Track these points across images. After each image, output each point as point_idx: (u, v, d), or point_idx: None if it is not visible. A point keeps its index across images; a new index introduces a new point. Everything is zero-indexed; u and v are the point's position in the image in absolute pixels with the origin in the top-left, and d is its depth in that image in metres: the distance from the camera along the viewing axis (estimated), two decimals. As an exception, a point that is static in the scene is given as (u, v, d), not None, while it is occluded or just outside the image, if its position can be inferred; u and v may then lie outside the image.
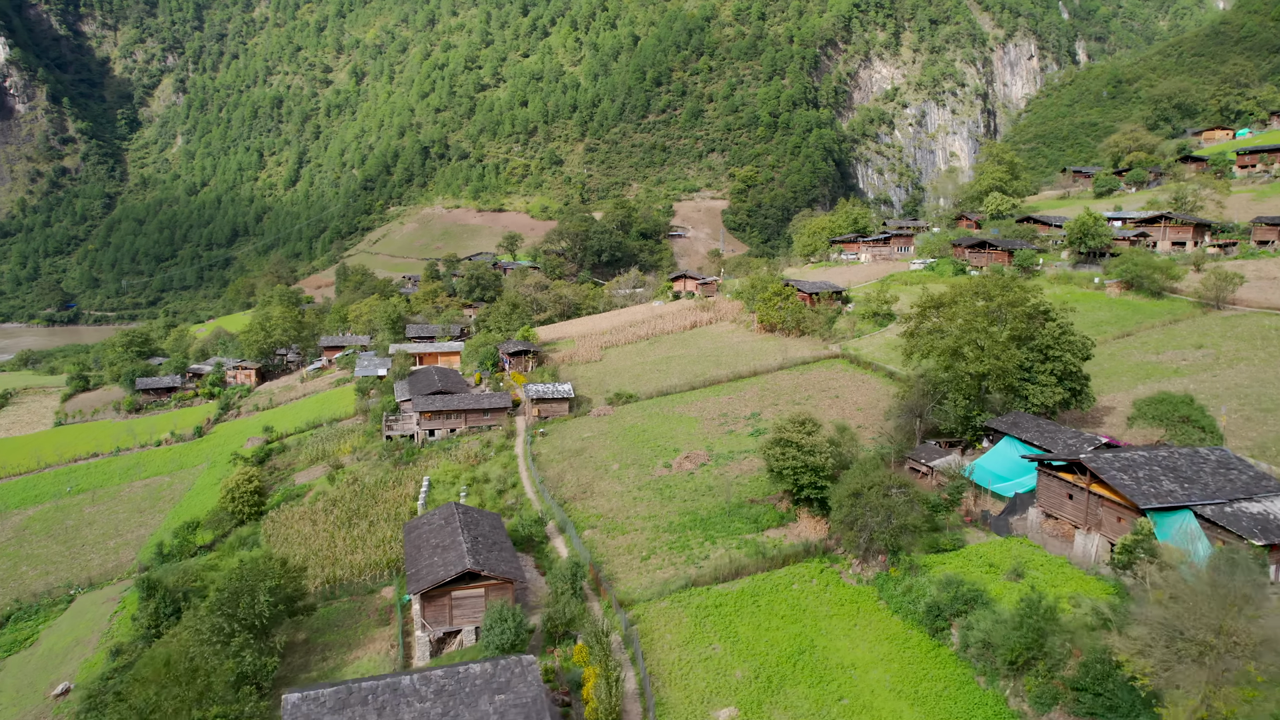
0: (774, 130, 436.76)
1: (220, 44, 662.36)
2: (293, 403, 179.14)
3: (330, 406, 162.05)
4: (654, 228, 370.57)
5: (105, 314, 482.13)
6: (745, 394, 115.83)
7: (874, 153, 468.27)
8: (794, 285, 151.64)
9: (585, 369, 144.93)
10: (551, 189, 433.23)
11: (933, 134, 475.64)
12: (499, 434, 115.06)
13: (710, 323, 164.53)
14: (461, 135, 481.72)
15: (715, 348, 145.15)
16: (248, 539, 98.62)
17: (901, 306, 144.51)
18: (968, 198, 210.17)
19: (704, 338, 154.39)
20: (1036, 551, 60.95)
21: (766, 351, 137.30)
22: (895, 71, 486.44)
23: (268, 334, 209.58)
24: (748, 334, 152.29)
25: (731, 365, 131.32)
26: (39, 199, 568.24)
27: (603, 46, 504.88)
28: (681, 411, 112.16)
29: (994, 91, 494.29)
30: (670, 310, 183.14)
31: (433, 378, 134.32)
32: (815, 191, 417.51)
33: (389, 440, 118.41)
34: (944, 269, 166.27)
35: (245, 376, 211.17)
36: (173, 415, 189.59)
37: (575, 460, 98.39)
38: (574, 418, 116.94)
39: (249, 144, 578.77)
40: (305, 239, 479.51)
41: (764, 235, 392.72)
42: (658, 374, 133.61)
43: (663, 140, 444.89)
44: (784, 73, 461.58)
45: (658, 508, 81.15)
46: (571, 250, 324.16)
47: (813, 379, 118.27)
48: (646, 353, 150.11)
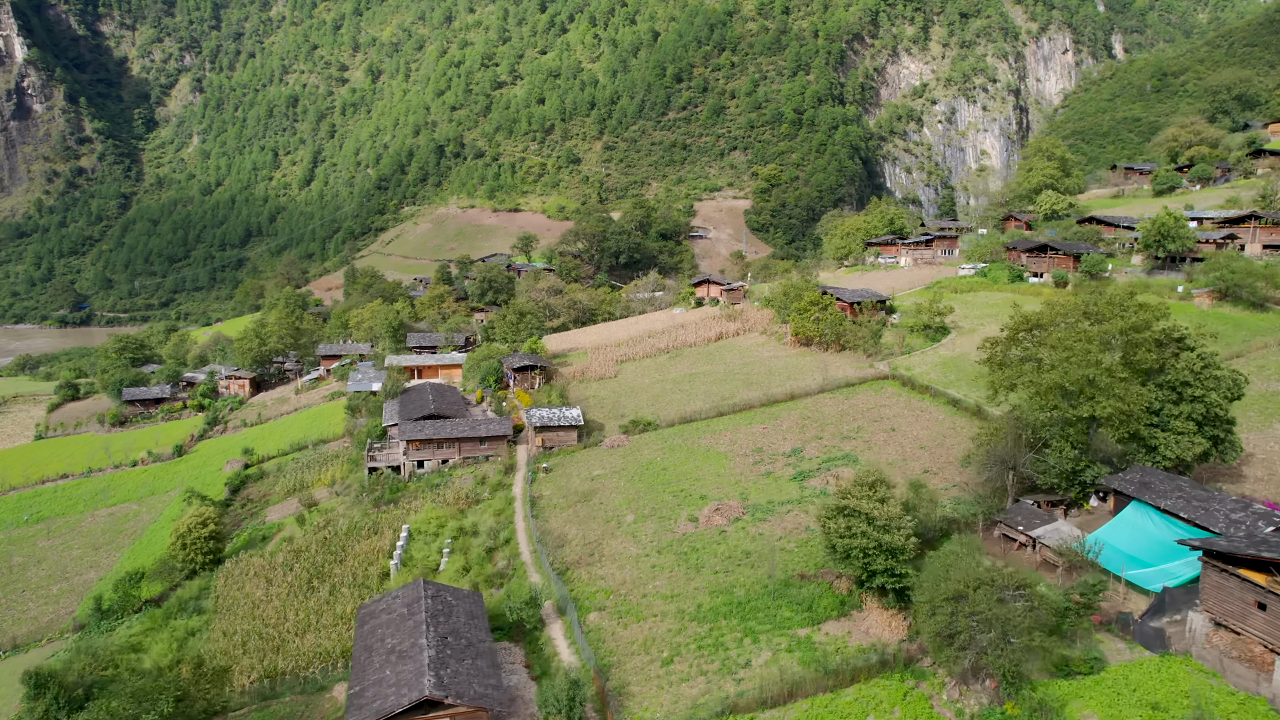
0: (798, 127, 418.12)
1: (237, 43, 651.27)
2: (283, 418, 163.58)
3: (319, 424, 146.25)
4: (674, 228, 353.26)
5: (118, 315, 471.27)
6: (782, 423, 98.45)
7: (902, 151, 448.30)
8: (832, 294, 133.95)
9: (598, 387, 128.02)
10: (568, 188, 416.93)
11: (962, 131, 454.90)
12: (497, 467, 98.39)
13: (737, 334, 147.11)
14: (477, 134, 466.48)
15: (744, 364, 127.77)
16: (195, 599, 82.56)
17: (956, 319, 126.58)
18: (1015, 196, 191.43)
19: (731, 352, 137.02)
20: (1215, 683, 43.32)
21: (803, 370, 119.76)
22: (924, 67, 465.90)
23: (262, 341, 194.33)
24: (780, 348, 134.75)
25: (764, 386, 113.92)
26: (55, 199, 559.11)
27: (622, 42, 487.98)
28: (708, 444, 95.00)
29: (1026, 87, 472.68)
30: (692, 319, 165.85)
31: (427, 397, 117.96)
32: (842, 191, 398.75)
33: (371, 474, 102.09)
34: (998, 275, 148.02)
35: (239, 387, 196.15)
36: (157, 430, 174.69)
37: (582, 507, 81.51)
38: (583, 449, 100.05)
39: (264, 143, 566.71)
40: (318, 239, 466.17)
41: (788, 236, 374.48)
42: (680, 395, 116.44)
43: (683, 138, 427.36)
44: (809, 68, 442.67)
45: (682, 581, 64.07)
46: (588, 252, 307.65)
47: (860, 405, 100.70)
48: (667, 369, 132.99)
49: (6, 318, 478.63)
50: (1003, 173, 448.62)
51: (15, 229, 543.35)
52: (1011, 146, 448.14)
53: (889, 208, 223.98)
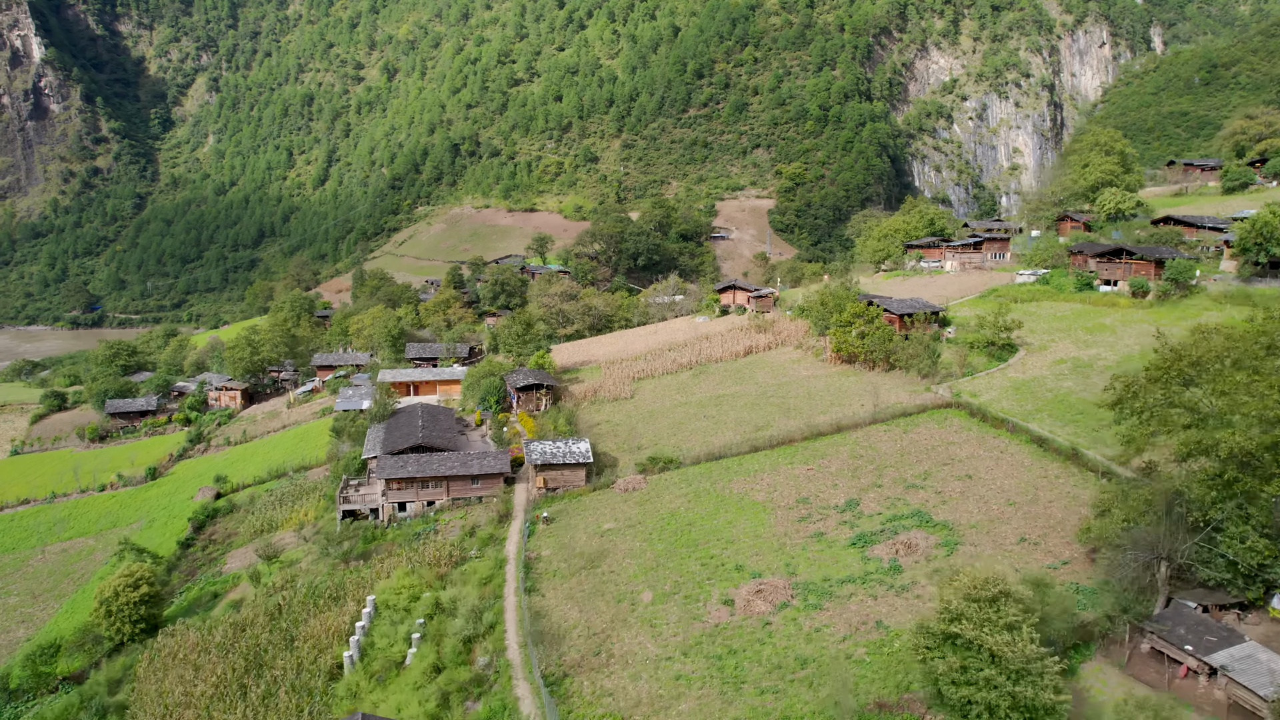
0: (824, 124, 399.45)
1: (254, 42, 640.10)
2: (269, 436, 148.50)
3: (304, 447, 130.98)
4: (695, 229, 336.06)
5: (130, 317, 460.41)
6: (830, 463, 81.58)
7: (931, 148, 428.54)
8: (879, 304, 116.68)
9: (612, 410, 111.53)
10: (586, 188, 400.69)
11: (994, 128, 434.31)
12: (490, 514, 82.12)
13: (769, 348, 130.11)
14: (493, 132, 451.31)
15: (779, 385, 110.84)
16: (116, 681, 66.93)
17: (1022, 334, 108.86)
18: (1070, 194, 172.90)
19: (762, 369, 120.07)
20: None
21: (849, 393, 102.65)
22: (954, 62, 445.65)
23: (254, 350, 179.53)
24: (819, 366, 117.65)
25: (805, 414, 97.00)
26: (71, 199, 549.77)
27: (641, 38, 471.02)
28: (741, 489, 78.32)
29: (1061, 83, 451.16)
30: (717, 329, 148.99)
31: (416, 423, 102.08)
32: (869, 190, 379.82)
33: (345, 518, 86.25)
34: (1062, 282, 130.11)
35: (230, 399, 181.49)
36: (136, 447, 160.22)
37: (588, 577, 65.11)
38: (592, 492, 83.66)
39: (279, 142, 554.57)
40: (331, 240, 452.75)
41: (814, 237, 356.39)
42: (706, 423, 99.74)
43: (704, 135, 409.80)
44: (834, 63, 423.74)
45: (717, 703, 47.47)
46: (605, 253, 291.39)
47: (922, 441, 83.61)
48: (690, 388, 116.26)
49: (19, 319, 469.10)
50: (1036, 171, 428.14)
51: (31, 229, 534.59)
52: (1045, 144, 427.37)
53: (927, 207, 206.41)
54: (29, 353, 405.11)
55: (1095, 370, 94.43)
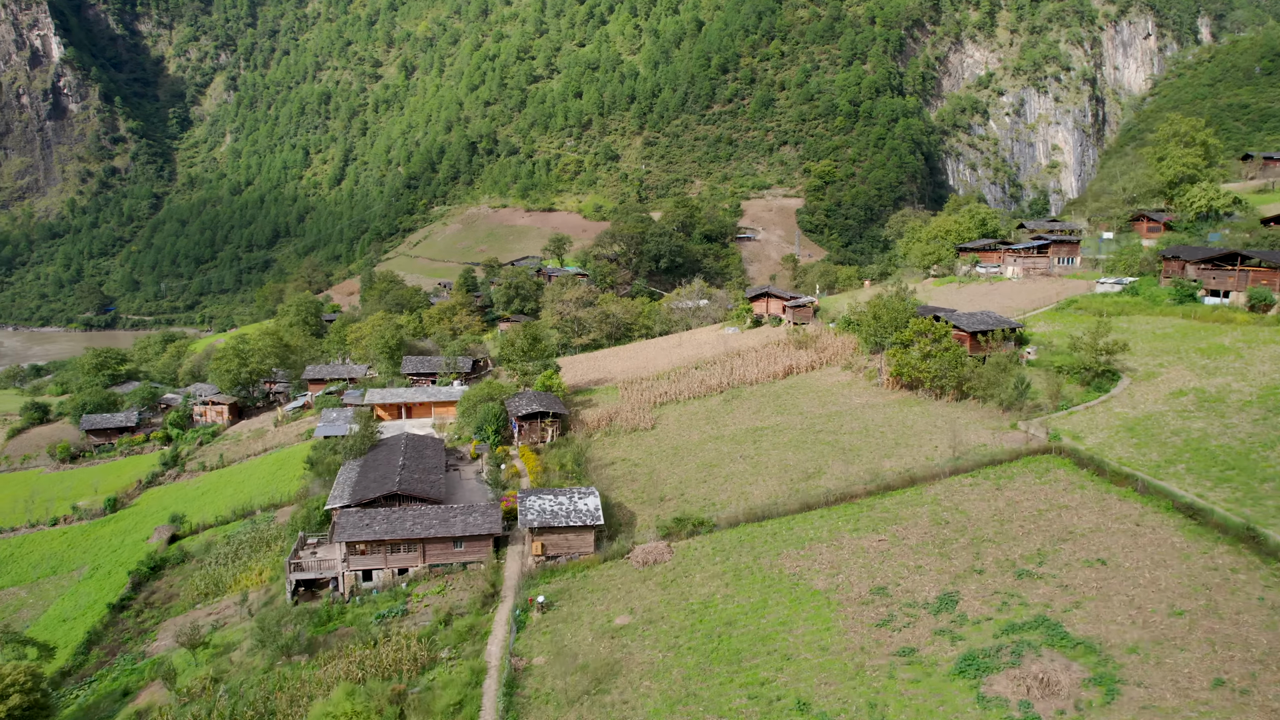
0: (854, 120, 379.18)
1: (272, 40, 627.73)
2: (248, 461, 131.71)
3: (281, 477, 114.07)
4: (719, 229, 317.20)
5: (143, 318, 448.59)
6: (907, 531, 62.95)
7: (966, 145, 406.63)
8: (946, 318, 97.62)
9: (629, 445, 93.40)
10: (606, 186, 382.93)
11: (1032, 124, 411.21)
12: (474, 590, 64.26)
13: (812, 368, 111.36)
14: (511, 129, 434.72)
15: (828, 416, 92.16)
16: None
17: (1125, 360, 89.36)
18: (1147, 192, 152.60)
19: (806, 395, 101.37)
20: None
21: (915, 429, 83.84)
22: (990, 55, 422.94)
23: (243, 361, 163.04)
24: (873, 392, 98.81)
25: (865, 457, 78.40)
26: (88, 199, 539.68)
27: (664, 33, 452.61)
28: (794, 567, 59.91)
29: (1103, 76, 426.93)
30: (750, 344, 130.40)
31: (396, 462, 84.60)
32: (902, 189, 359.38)
33: (298, 592, 68.83)
34: (1155, 292, 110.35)
35: (217, 414, 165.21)
36: (108, 469, 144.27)
37: (591, 710, 47.01)
38: (602, 563, 65.56)
39: (295, 141, 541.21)
40: (346, 240, 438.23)
41: (845, 238, 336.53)
42: (743, 466, 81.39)
43: (729, 132, 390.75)
44: (865, 57, 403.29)
45: None
46: (625, 255, 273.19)
47: (1023, 501, 64.74)
48: (721, 418, 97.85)
49: (33, 320, 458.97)
50: (1076, 169, 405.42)
51: (48, 229, 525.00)
52: (1086, 141, 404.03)
53: (977, 206, 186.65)
54: (38, 355, 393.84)
55: (1230, 406, 75.04)
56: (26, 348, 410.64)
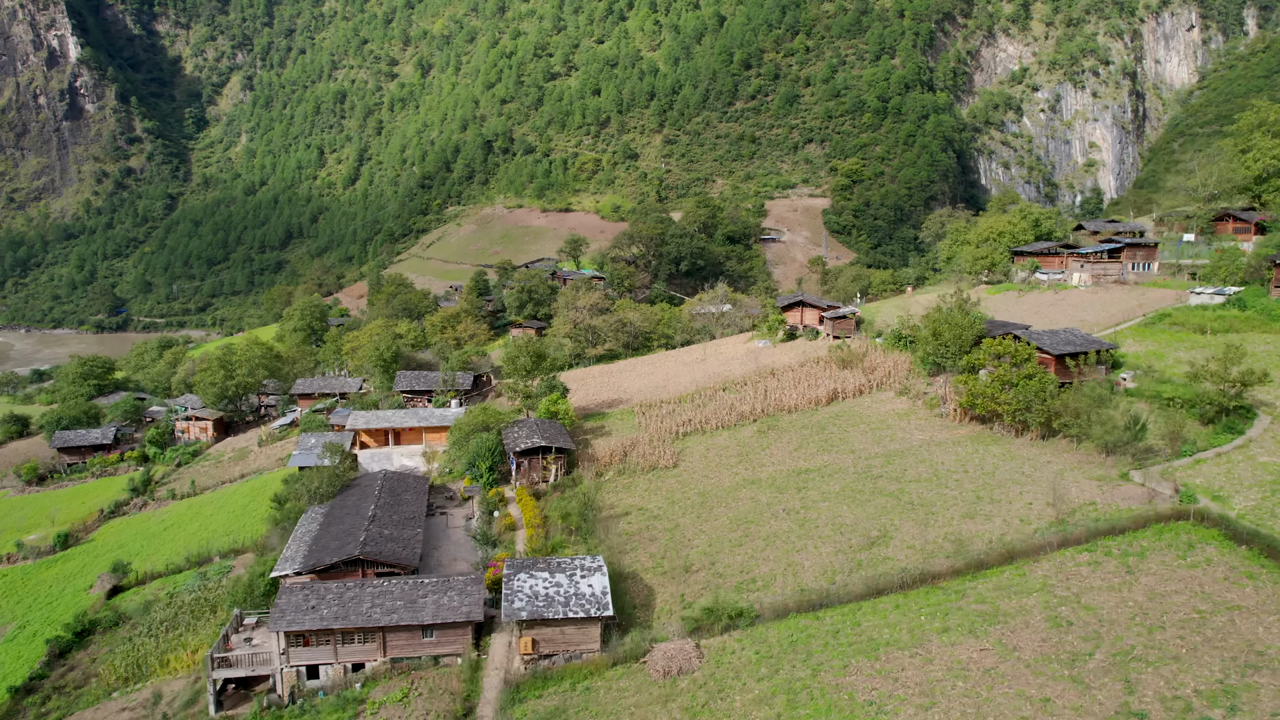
0: (882, 117, 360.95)
1: (289, 39, 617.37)
2: (222, 489, 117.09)
3: (252, 511, 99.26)
4: (743, 230, 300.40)
5: (154, 320, 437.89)
6: (1017, 636, 46.57)
7: (998, 143, 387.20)
8: (1027, 338, 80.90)
9: (648, 489, 77.57)
10: (625, 186, 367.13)
11: (1068, 121, 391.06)
12: (442, 701, 48.72)
13: (860, 392, 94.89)
14: (528, 128, 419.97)
15: (887, 456, 75.79)
16: None
17: (1255, 393, 72.27)
18: (1231, 188, 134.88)
19: (857, 426, 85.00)
20: None
21: (999, 478, 67.32)
22: (1024, 49, 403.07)
23: (228, 373, 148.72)
24: (938, 424, 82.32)
25: (941, 515, 62.03)
26: (103, 200, 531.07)
27: (685, 28, 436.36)
28: (871, 691, 43.69)
29: (1144, 70, 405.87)
30: (784, 360, 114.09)
31: (366, 511, 69.37)
32: (934, 188, 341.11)
33: (221, 699, 53.48)
34: (1267, 304, 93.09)
35: (201, 430, 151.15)
36: (75, 493, 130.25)
37: None
38: (610, 668, 49.67)
39: (310, 141, 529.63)
40: (359, 241, 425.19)
41: (873, 239, 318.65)
42: (789, 525, 65.21)
43: (751, 130, 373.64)
44: (893, 51, 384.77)
45: None
46: (644, 257, 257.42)
47: (1170, 593, 48.18)
48: (756, 454, 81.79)
49: (45, 322, 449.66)
50: (1115, 168, 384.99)
51: (63, 230, 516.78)
52: (1126, 138, 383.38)
53: (1030, 205, 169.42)
54: (45, 359, 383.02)
55: None
56: (35, 350, 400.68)
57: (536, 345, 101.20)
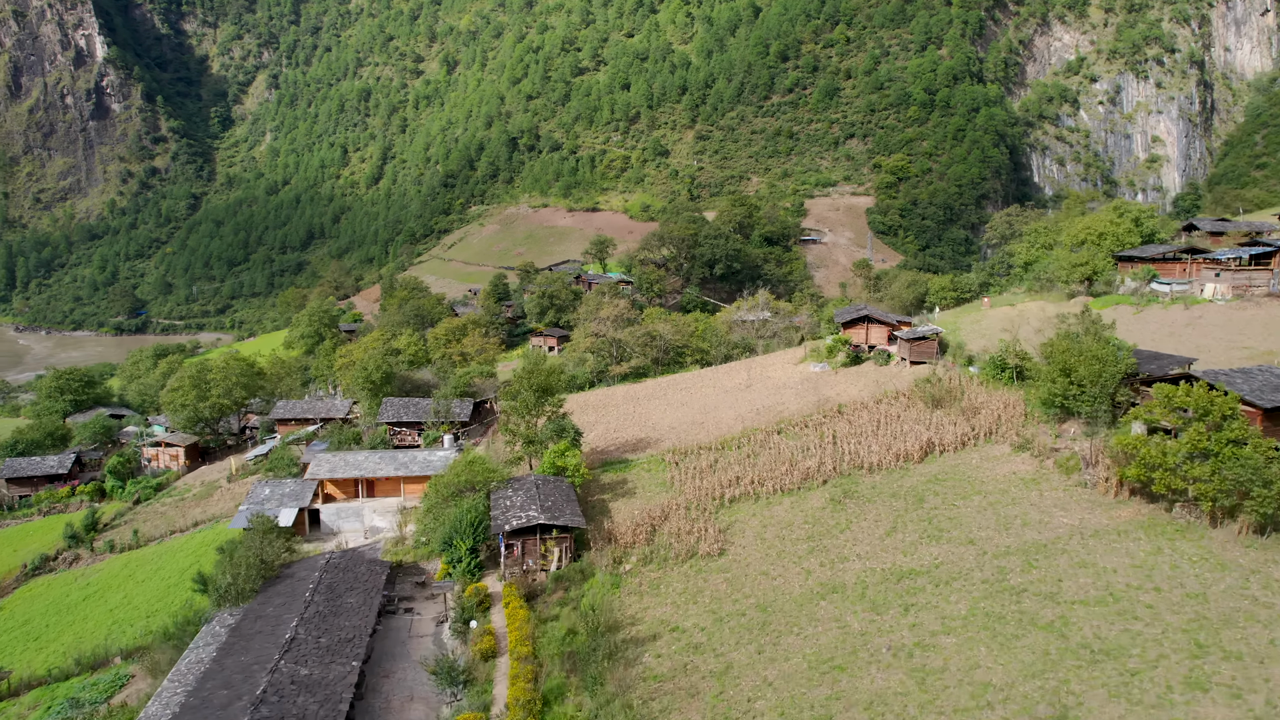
0: (929, 110, 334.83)
1: (314, 37, 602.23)
2: (171, 539, 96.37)
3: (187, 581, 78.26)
4: (781, 231, 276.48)
5: (173, 323, 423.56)
6: None
7: (1053, 138, 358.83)
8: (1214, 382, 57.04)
9: (684, 591, 54.88)
10: (654, 184, 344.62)
11: (1129, 114, 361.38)
12: None
13: (964, 444, 71.26)
14: (554, 124, 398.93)
15: (1026, 554, 52.35)
16: None
17: None
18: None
19: (968, 496, 61.56)
20: None
21: (1219, 607, 43.68)
22: (1081, 37, 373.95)
23: (202, 394, 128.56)
24: (1084, 499, 58.64)
25: (1154, 685, 38.66)
26: (128, 200, 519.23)
27: (718, 20, 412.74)
28: None
29: (1212, 58, 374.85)
30: (850, 390, 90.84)
31: (282, 630, 47.73)
32: (985, 185, 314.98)
33: None
34: None
35: (171, 457, 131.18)
36: (14, 534, 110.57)
37: None
38: None
39: (334, 140, 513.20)
40: (380, 242, 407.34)
41: (921, 241, 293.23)
42: (901, 678, 42.14)
43: (789, 125, 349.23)
44: (940, 41, 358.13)
45: None
46: (675, 260, 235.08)
47: None
48: (832, 538, 58.77)
49: (65, 324, 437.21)
50: (1180, 163, 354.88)
51: (88, 231, 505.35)
52: (1193, 131, 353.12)
53: (1127, 202, 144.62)
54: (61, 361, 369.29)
55: None
56: (51, 353, 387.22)
57: (539, 376, 78.80)
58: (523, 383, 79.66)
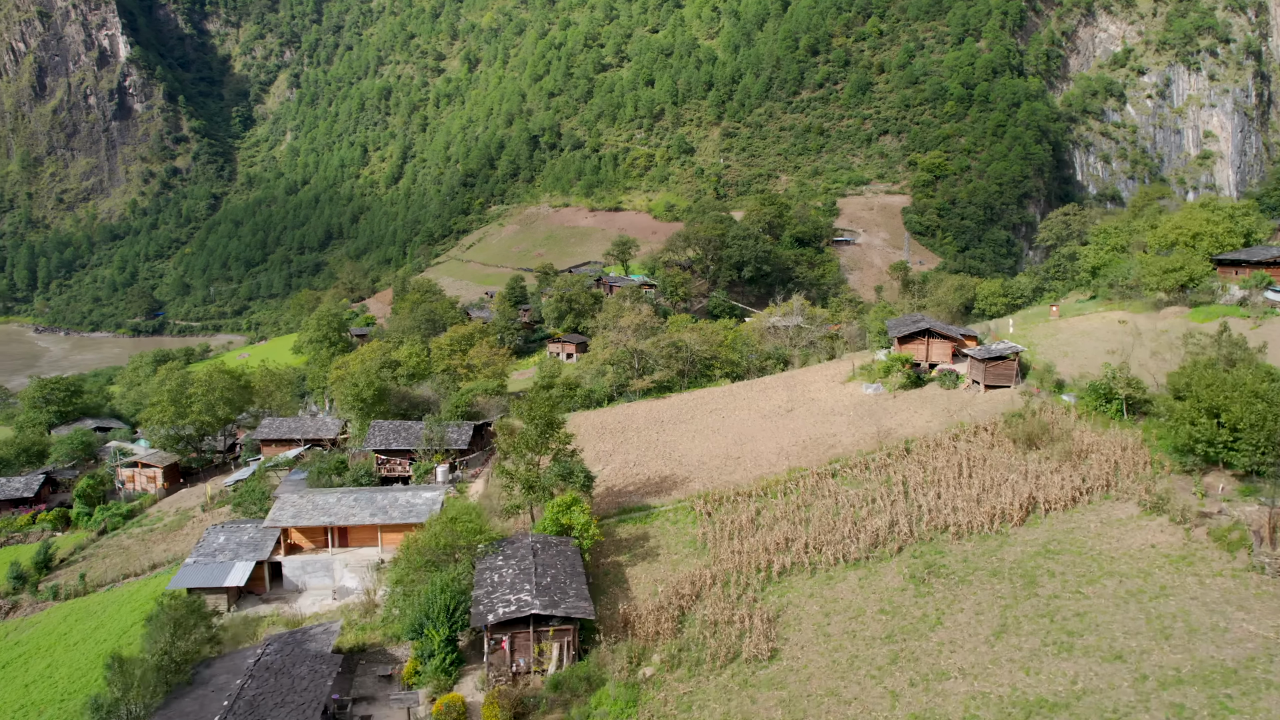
0: (967, 105, 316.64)
1: (336, 36, 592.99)
2: (123, 585, 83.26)
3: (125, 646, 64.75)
4: (813, 231, 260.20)
5: (190, 324, 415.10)
6: None
7: (1097, 134, 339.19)
8: None
9: (727, 712, 40.10)
10: (679, 183, 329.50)
11: (1179, 108, 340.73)
12: None
13: (1074, 501, 55.56)
14: (576, 122, 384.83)
15: (1204, 681, 36.97)
16: None
17: None
18: None
19: (1100, 582, 46.19)
20: None
21: None
22: (1128, 27, 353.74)
23: (181, 410, 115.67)
24: (1265, 589, 43.17)
25: None
26: (149, 200, 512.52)
27: (745, 13, 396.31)
28: None
29: (1269, 49, 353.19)
30: (915, 420, 75.58)
31: None
32: (1027, 184, 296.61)
33: None
34: None
35: (149, 479, 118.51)
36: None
37: None
38: None
39: (354, 139, 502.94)
40: (398, 243, 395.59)
41: (961, 242, 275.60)
42: None
43: (819, 121, 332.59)
44: (978, 33, 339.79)
45: None
46: (701, 261, 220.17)
47: None
48: (921, 642, 43.67)
49: (84, 325, 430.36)
50: (1234, 160, 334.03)
51: (109, 231, 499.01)
52: (1249, 125, 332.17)
53: (1215, 198, 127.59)
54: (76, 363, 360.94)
55: None
56: (67, 354, 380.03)
57: (541, 408, 64.11)
58: (529, 412, 65.05)
